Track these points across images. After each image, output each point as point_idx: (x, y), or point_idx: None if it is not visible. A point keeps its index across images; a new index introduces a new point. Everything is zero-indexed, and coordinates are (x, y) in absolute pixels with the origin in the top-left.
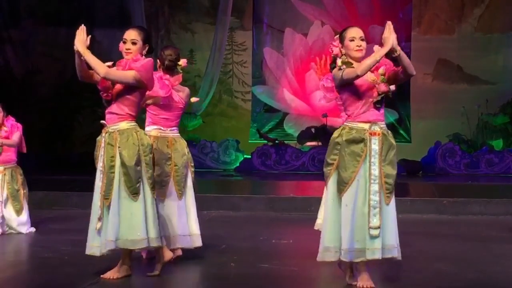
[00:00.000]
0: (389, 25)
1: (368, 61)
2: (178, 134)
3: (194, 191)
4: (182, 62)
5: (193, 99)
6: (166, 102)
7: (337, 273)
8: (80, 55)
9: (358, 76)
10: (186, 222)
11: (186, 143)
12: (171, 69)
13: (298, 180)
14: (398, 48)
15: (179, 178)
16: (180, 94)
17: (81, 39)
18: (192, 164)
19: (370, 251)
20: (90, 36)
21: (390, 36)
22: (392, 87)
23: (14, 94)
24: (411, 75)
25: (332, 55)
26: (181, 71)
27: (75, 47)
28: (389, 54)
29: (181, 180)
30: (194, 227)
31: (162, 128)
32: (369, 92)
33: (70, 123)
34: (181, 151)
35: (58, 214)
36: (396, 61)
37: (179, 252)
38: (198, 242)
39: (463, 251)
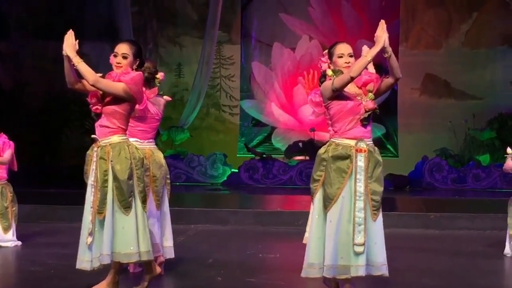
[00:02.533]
0: (382, 24)
1: (360, 62)
2: (155, 146)
3: (169, 203)
4: (160, 75)
5: (166, 98)
6: (142, 114)
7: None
8: (69, 60)
9: (352, 78)
10: (160, 232)
11: (162, 155)
12: (148, 82)
13: (286, 194)
14: (390, 48)
15: (157, 189)
16: (157, 107)
17: (70, 44)
18: (168, 176)
19: (354, 268)
20: (78, 41)
21: (382, 35)
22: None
23: (2, 107)
24: (398, 78)
25: (321, 71)
26: (158, 84)
27: (63, 51)
28: (379, 54)
29: (159, 191)
30: (168, 239)
31: (139, 140)
32: (356, 109)
33: (59, 136)
34: (158, 162)
35: (45, 227)
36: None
37: (162, 259)
38: (170, 254)
39: (450, 265)
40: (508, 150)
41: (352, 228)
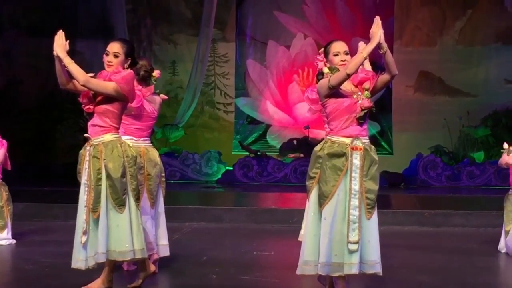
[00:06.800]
0: (377, 20)
1: (356, 59)
2: (150, 144)
3: (164, 201)
4: (156, 73)
5: (162, 96)
6: (138, 112)
7: (319, 285)
8: (60, 60)
9: (348, 75)
10: (155, 231)
11: (158, 153)
12: (145, 80)
13: (280, 192)
14: (385, 44)
15: (151, 188)
16: (152, 105)
17: (60, 44)
18: (163, 174)
19: (347, 265)
20: (68, 41)
21: (377, 31)
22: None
23: None
24: (394, 74)
25: (318, 69)
26: (154, 82)
27: (54, 52)
28: (375, 50)
29: (154, 190)
30: (163, 237)
31: (135, 138)
32: (352, 107)
33: (52, 134)
34: (153, 160)
35: (39, 225)
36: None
37: (156, 257)
38: (166, 252)
39: (445, 263)
40: (505, 145)
41: (347, 226)
